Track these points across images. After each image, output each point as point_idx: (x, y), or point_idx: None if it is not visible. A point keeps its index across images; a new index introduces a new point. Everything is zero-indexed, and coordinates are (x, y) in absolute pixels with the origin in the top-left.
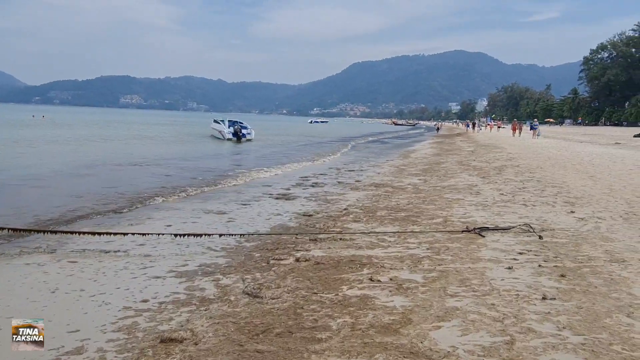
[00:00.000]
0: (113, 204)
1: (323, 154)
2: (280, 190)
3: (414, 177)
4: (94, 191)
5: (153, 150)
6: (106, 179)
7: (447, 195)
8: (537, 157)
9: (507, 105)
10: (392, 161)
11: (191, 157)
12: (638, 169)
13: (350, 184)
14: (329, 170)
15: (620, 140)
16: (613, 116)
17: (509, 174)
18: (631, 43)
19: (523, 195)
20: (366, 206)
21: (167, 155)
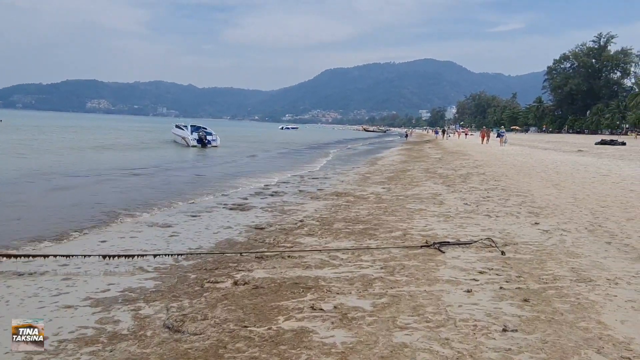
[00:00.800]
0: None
1: (290, 160)
2: (237, 200)
3: (378, 186)
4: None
5: (99, 160)
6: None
7: (409, 205)
8: (502, 164)
9: (475, 112)
10: (358, 168)
11: (149, 165)
12: (601, 177)
13: (311, 192)
14: (292, 177)
15: (583, 147)
16: (575, 124)
17: (474, 182)
18: (591, 54)
19: (487, 205)
20: (323, 218)
21: (119, 164)
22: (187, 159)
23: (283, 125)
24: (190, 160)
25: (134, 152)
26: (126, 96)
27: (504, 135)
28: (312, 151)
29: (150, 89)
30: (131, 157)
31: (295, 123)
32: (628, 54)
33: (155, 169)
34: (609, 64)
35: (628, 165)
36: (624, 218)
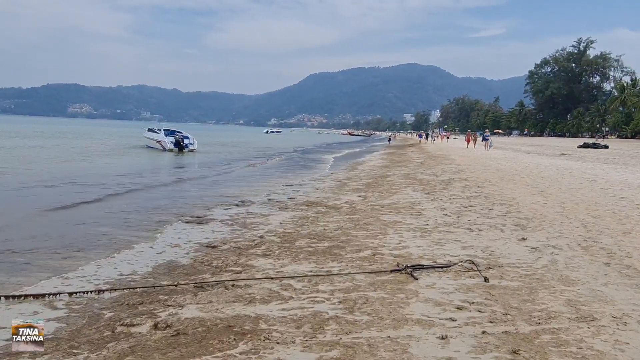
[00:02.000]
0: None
1: (270, 165)
2: (197, 211)
3: (354, 194)
4: None
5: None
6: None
7: (384, 216)
8: (485, 169)
9: (459, 116)
10: (336, 174)
11: (117, 173)
12: (588, 182)
13: (281, 202)
14: (265, 185)
15: (566, 151)
16: (557, 127)
17: (456, 189)
18: (571, 58)
19: (469, 216)
20: (287, 233)
21: (86, 172)
22: (166, 167)
23: (268, 129)
24: (170, 168)
25: (106, 158)
26: (109, 100)
27: (489, 139)
28: (296, 154)
29: (133, 93)
30: (102, 165)
31: (281, 127)
32: (607, 59)
33: (133, 182)
34: (589, 69)
35: (614, 169)
36: (619, 231)
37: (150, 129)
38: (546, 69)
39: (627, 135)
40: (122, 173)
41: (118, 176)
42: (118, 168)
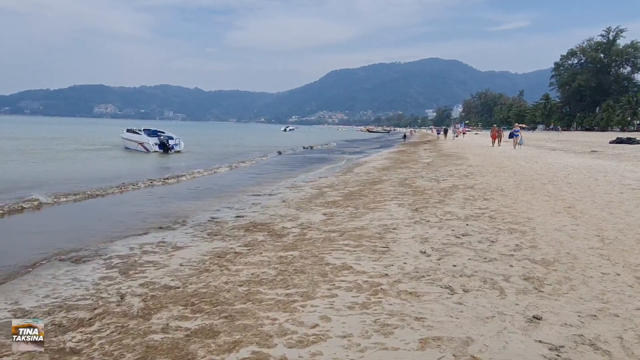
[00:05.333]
0: None
1: (258, 166)
2: (93, 242)
3: (323, 209)
4: None
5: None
6: None
7: (333, 255)
8: (500, 172)
9: (482, 111)
10: (326, 178)
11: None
12: (631, 191)
13: (221, 223)
14: (229, 194)
15: (596, 147)
16: (584, 121)
17: (455, 203)
18: (600, 48)
19: (458, 254)
20: (168, 288)
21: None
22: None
23: (285, 127)
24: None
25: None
26: (133, 100)
27: (519, 136)
28: (298, 153)
29: (156, 93)
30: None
31: (302, 125)
32: (638, 48)
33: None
34: (619, 59)
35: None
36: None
37: (130, 129)
38: (573, 61)
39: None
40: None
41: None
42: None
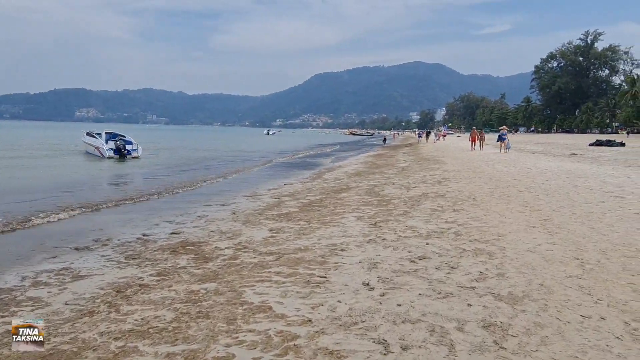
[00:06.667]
0: None
1: (222, 173)
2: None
3: (273, 223)
4: None
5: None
6: None
7: (259, 286)
8: (476, 177)
9: (465, 114)
10: (291, 185)
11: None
12: (613, 200)
13: (150, 241)
14: (182, 205)
15: (576, 149)
16: (564, 123)
17: (421, 215)
18: (579, 52)
19: (408, 288)
20: (8, 352)
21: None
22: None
23: (268, 130)
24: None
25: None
26: (115, 104)
27: (506, 139)
28: (269, 159)
29: (139, 97)
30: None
31: (286, 128)
32: (616, 51)
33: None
34: (597, 62)
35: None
36: None
37: (89, 132)
38: (553, 64)
39: (638, 130)
40: None
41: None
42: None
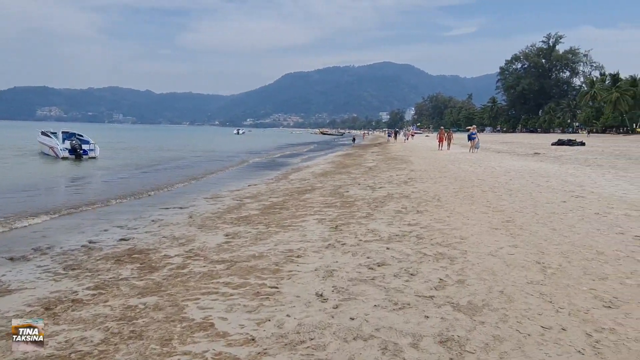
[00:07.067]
0: None
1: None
2: None
3: (230, 227)
4: None
5: None
6: None
7: (204, 299)
8: (442, 177)
9: (433, 114)
10: (256, 186)
11: None
12: (574, 200)
13: (98, 249)
14: (138, 209)
15: (539, 149)
16: (529, 123)
17: (385, 217)
18: (541, 54)
19: (363, 299)
20: None
21: None
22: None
23: (237, 130)
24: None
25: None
26: (80, 103)
27: (476, 138)
28: (236, 160)
29: (105, 95)
30: None
31: (257, 127)
32: (576, 54)
33: None
34: (559, 64)
35: (602, 175)
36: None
37: (44, 132)
38: (517, 65)
39: (598, 130)
40: None
41: None
42: None
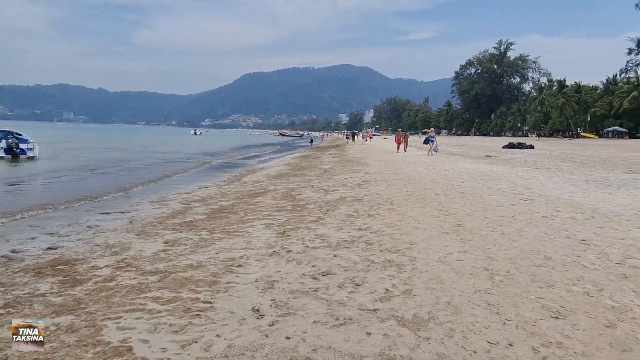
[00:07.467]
0: None
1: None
2: None
3: (172, 233)
4: None
5: None
6: None
7: (127, 317)
8: (397, 179)
9: (391, 116)
10: (206, 188)
11: None
12: (523, 203)
13: (19, 259)
14: (70, 215)
15: (491, 152)
16: (482, 126)
17: (335, 221)
18: (493, 60)
19: (303, 314)
20: None
21: None
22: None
23: (195, 130)
24: None
25: None
26: (27, 100)
27: (434, 141)
28: (194, 160)
29: (54, 93)
30: None
31: (215, 128)
32: (525, 60)
33: None
34: (509, 70)
35: (549, 178)
36: None
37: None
38: (471, 70)
39: (545, 133)
40: None
41: None
42: None
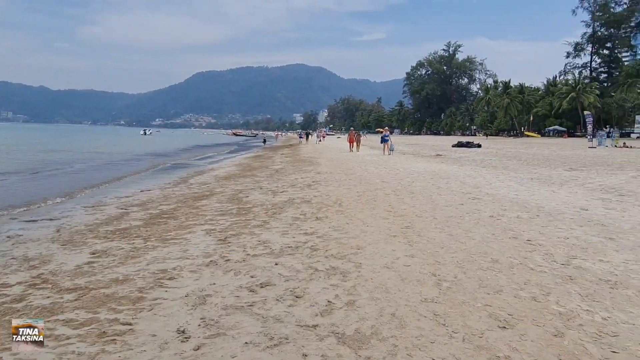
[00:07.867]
0: None
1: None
2: None
3: (102, 242)
4: None
5: None
6: None
7: (21, 354)
8: (347, 179)
9: (345, 116)
10: (149, 191)
11: None
12: (471, 203)
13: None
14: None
15: (441, 150)
16: (432, 126)
17: (281, 225)
18: (443, 61)
19: (234, 334)
20: None
21: None
22: None
23: (144, 130)
24: None
25: None
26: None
27: (389, 140)
28: (139, 162)
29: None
30: None
31: (167, 128)
32: (473, 62)
33: None
34: (458, 71)
35: (496, 177)
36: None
37: None
38: (422, 71)
39: (492, 132)
40: None
41: None
42: None
